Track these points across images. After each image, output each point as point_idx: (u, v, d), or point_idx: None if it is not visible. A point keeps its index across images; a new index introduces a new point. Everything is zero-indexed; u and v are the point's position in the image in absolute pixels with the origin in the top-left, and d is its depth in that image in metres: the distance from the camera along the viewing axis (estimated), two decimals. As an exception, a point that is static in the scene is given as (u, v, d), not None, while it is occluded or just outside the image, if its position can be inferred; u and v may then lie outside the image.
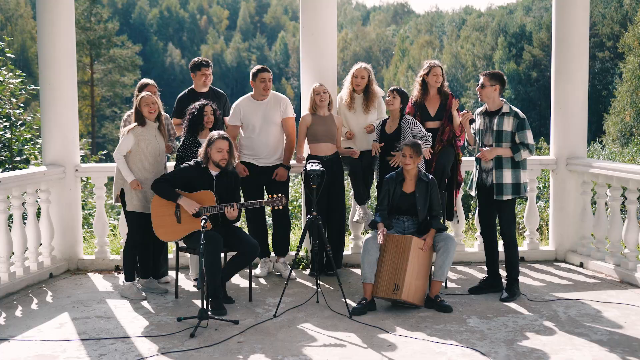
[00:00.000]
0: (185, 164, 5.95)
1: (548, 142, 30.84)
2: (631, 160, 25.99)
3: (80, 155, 8.05)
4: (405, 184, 5.92)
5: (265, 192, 6.79)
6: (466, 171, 6.94)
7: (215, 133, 5.89)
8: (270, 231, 7.07)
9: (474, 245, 7.41)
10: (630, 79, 42.76)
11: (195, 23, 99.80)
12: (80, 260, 7.12)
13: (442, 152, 6.48)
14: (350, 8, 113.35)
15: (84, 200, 9.65)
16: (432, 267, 5.84)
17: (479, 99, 6.03)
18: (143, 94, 6.16)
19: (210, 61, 6.96)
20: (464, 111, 6.11)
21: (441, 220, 5.98)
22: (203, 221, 5.39)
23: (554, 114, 7.33)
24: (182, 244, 6.06)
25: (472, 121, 6.10)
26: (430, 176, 5.95)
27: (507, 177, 5.89)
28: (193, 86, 6.92)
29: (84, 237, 8.33)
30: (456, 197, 6.79)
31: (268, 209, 8.64)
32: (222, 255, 6.11)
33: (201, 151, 5.89)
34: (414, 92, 6.66)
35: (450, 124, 6.44)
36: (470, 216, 11.73)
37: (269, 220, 9.03)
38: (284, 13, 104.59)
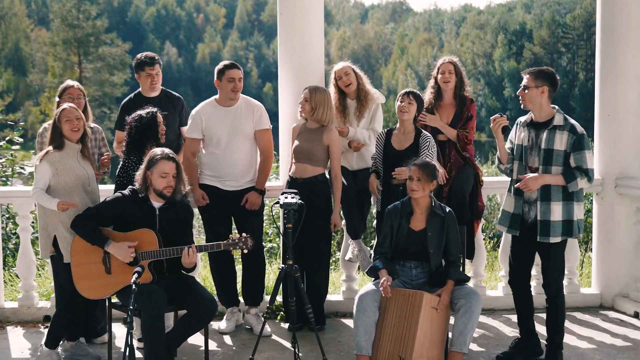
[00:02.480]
0: (117, 193, 4.46)
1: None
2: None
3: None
4: (413, 218, 4.44)
5: (234, 224, 5.30)
6: (488, 196, 5.42)
7: (157, 151, 4.41)
8: (240, 272, 5.55)
9: (498, 288, 5.91)
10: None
11: (192, 21, 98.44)
12: (0, 309, 5.62)
13: (459, 173, 5.07)
14: (348, 6, 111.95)
15: (14, 233, 7.67)
16: (450, 333, 4.35)
17: (522, 106, 4.46)
18: (65, 105, 4.61)
19: (157, 57, 5.37)
20: (495, 115, 4.47)
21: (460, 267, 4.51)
22: (135, 275, 3.89)
23: (599, 122, 5.82)
24: (115, 298, 4.55)
25: (505, 129, 4.48)
26: (448, 209, 4.46)
27: (557, 212, 4.33)
28: (140, 89, 5.44)
29: (9, 279, 6.77)
30: (477, 230, 5.33)
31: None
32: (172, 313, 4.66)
33: (139, 175, 4.40)
34: (426, 96, 5.21)
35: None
36: (488, 242, 9.84)
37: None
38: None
